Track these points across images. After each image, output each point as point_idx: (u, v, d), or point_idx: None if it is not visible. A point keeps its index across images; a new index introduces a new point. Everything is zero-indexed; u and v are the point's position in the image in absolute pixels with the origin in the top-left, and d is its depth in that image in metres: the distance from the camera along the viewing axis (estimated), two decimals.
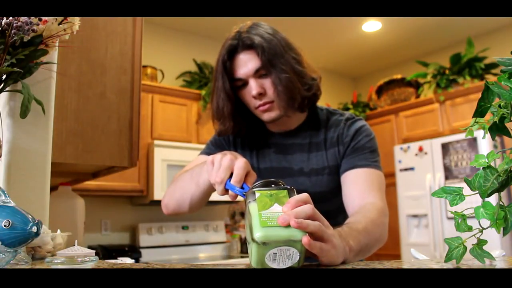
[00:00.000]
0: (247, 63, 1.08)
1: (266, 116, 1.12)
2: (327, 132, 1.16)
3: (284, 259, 0.58)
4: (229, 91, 1.10)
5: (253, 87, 1.08)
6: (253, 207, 0.61)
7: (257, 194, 0.62)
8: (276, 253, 0.57)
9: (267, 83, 1.08)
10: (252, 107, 1.13)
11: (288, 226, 0.57)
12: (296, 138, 1.18)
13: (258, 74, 1.08)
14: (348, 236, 0.75)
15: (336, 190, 1.12)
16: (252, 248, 0.59)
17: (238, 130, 1.17)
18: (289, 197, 0.63)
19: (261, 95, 1.09)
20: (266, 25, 1.14)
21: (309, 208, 0.60)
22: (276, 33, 1.12)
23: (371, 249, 0.91)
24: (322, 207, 0.97)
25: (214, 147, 1.26)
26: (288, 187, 0.65)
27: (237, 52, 1.09)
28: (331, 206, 1.11)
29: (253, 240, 0.58)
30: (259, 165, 1.20)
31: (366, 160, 1.09)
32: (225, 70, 1.10)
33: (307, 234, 0.57)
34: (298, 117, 1.19)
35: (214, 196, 1.39)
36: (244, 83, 1.10)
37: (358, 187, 1.06)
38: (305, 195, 0.63)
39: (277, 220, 0.58)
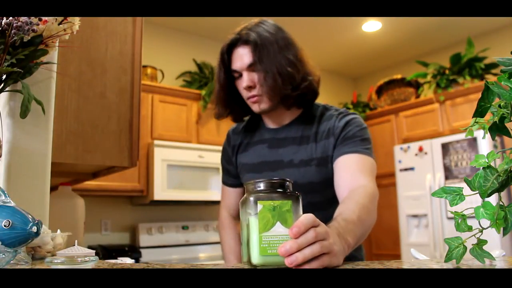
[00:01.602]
0: (242, 57, 1.17)
1: (255, 107, 1.20)
2: (319, 126, 1.20)
3: None
4: (223, 80, 1.21)
5: (245, 80, 1.17)
6: (254, 223, 0.59)
7: (259, 207, 0.59)
8: None
9: (257, 77, 1.16)
10: (244, 97, 1.21)
11: None
12: (289, 132, 1.23)
13: (251, 68, 1.16)
14: (346, 233, 0.75)
15: (325, 182, 1.14)
16: (247, 265, 0.59)
17: (234, 115, 1.28)
18: (294, 209, 0.60)
19: (250, 88, 1.17)
20: (271, 23, 1.21)
21: (311, 236, 0.58)
22: (278, 31, 1.19)
23: (364, 236, 0.93)
24: (312, 198, 0.99)
25: (226, 164, 1.37)
26: (291, 191, 0.62)
27: (236, 45, 1.18)
28: (321, 198, 1.14)
29: (249, 261, 0.57)
30: (253, 161, 1.26)
31: (356, 146, 1.12)
32: (223, 61, 1.20)
33: None
34: (292, 112, 1.24)
35: (214, 196, 1.39)
36: (240, 74, 1.18)
37: (348, 171, 1.08)
38: (311, 218, 0.59)
39: (277, 249, 0.56)
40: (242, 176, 1.30)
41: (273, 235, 0.58)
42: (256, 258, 0.56)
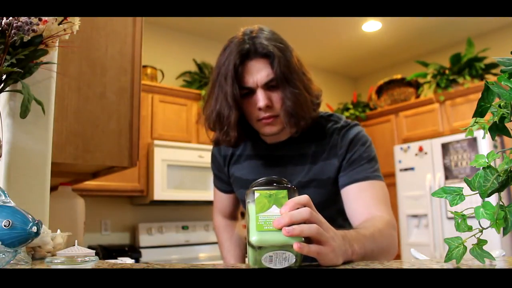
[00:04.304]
0: (259, 72, 1.01)
1: (268, 130, 1.06)
2: (319, 143, 1.10)
3: (280, 261, 0.58)
4: (239, 98, 1.02)
5: (261, 98, 1.01)
6: (251, 209, 0.61)
7: (256, 195, 0.61)
8: (272, 256, 0.58)
9: (276, 96, 1.03)
10: (254, 118, 1.06)
11: None
12: (287, 150, 1.13)
13: (268, 85, 1.02)
14: (353, 239, 0.73)
15: (323, 203, 1.04)
16: (249, 250, 0.59)
17: (239, 140, 1.10)
18: (289, 198, 0.62)
19: (267, 107, 1.02)
20: (276, 33, 1.08)
21: (306, 211, 0.59)
22: (288, 44, 1.07)
23: (377, 256, 0.87)
24: None
25: (217, 171, 1.29)
26: (289, 186, 0.63)
27: (249, 58, 1.02)
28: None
29: (249, 243, 0.58)
30: (248, 176, 1.16)
31: (365, 171, 1.04)
32: (236, 75, 1.01)
33: (302, 238, 0.57)
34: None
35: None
36: (249, 91, 1.03)
37: (362, 203, 1.02)
38: (304, 197, 0.61)
39: (272, 223, 0.58)
40: (236, 189, 1.23)
41: (269, 214, 0.59)
42: (254, 235, 0.57)
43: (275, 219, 0.58)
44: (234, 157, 1.21)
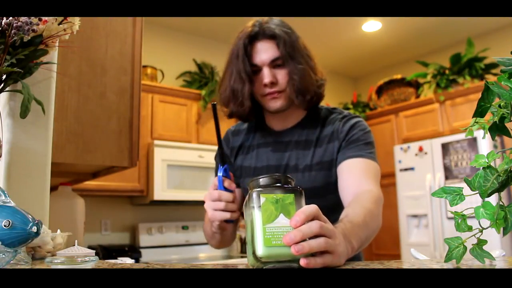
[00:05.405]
0: (266, 51, 1.12)
1: (272, 104, 1.15)
2: (323, 129, 1.19)
3: (282, 266, 0.58)
4: (250, 73, 1.13)
5: (266, 75, 1.12)
6: (257, 216, 0.58)
7: (262, 200, 0.59)
8: (275, 265, 0.58)
9: (281, 73, 1.13)
10: (259, 94, 1.16)
11: None
12: (293, 136, 1.21)
13: (274, 63, 1.13)
14: (351, 235, 0.75)
15: (328, 186, 1.13)
16: (251, 257, 0.59)
17: (251, 112, 1.19)
18: (296, 202, 0.60)
19: (272, 84, 1.13)
20: (284, 22, 1.19)
21: (316, 226, 0.58)
22: (294, 31, 1.18)
23: (368, 240, 0.93)
24: (315, 203, 0.97)
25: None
26: (293, 186, 0.62)
27: (257, 39, 1.13)
28: (323, 203, 1.10)
29: (254, 255, 0.57)
30: (256, 164, 1.22)
31: (360, 151, 1.11)
32: (246, 53, 1.13)
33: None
34: (297, 115, 1.22)
35: None
36: (257, 70, 1.14)
37: (353, 176, 1.08)
38: (313, 208, 0.60)
39: (282, 239, 0.56)
40: (244, 179, 1.26)
41: (276, 226, 0.57)
42: (261, 249, 0.56)
43: (285, 235, 0.56)
44: (243, 148, 1.27)
